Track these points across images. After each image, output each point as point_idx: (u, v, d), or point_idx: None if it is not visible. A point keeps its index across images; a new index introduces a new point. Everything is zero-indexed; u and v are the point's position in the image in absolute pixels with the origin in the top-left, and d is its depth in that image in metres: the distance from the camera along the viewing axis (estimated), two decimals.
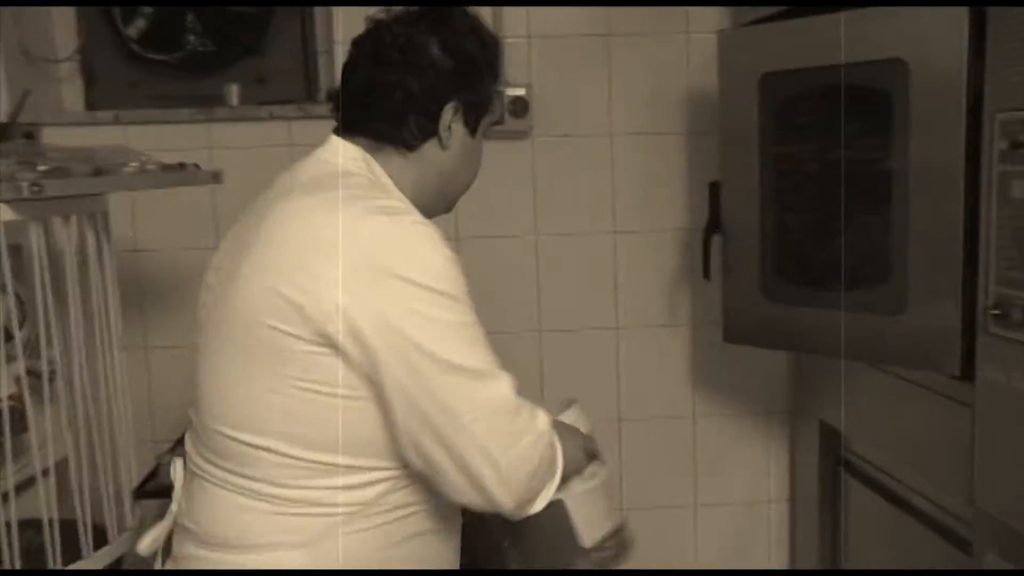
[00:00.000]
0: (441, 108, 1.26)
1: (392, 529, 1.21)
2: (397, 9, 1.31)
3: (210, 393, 1.21)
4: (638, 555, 2.56)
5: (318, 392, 1.12)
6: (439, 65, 1.25)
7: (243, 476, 1.17)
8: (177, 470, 1.33)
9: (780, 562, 2.65)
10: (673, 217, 2.49)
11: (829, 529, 2.34)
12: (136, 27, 2.47)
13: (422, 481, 1.19)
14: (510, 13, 2.42)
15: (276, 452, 1.14)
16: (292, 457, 1.14)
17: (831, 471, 2.31)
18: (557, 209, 2.48)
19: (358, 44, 1.31)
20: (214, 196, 2.31)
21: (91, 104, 2.52)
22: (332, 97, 1.34)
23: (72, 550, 1.65)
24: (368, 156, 1.26)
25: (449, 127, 1.27)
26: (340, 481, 1.16)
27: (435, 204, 1.34)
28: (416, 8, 1.30)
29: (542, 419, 1.20)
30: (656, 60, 2.47)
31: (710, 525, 2.64)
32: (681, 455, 2.62)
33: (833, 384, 2.22)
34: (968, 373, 1.62)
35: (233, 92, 2.46)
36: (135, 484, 1.87)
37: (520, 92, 2.39)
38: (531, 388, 2.38)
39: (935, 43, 1.66)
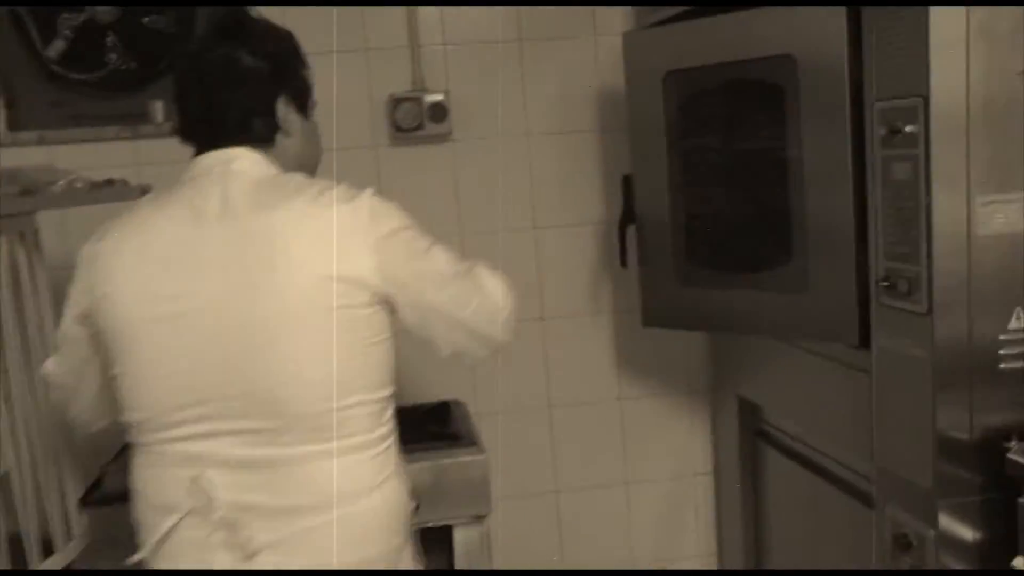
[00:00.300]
0: (274, 105, 1.41)
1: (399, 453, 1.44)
2: (199, 33, 1.40)
3: (284, 381, 1.30)
4: (575, 532, 2.63)
5: (378, 342, 1.35)
6: (258, 72, 1.39)
7: (334, 439, 1.31)
8: (212, 481, 1.32)
9: (708, 531, 2.70)
10: (590, 211, 2.53)
11: (751, 496, 2.40)
12: (55, 48, 2.40)
13: None
14: (425, 21, 2.44)
15: (362, 403, 1.34)
16: (373, 401, 1.35)
17: (750, 442, 2.36)
18: (479, 208, 2.50)
19: (182, 75, 1.45)
20: None
21: (13, 125, 2.43)
22: (183, 124, 1.44)
23: (19, 561, 1.64)
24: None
25: (286, 117, 1.43)
26: (389, 412, 1.40)
27: None
28: (212, 27, 1.49)
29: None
30: (566, 62, 2.51)
31: (641, 500, 2.68)
32: (609, 436, 2.65)
33: (748, 361, 2.30)
34: (865, 342, 1.70)
35: (158, 108, 2.41)
36: (80, 494, 1.85)
37: (438, 98, 2.40)
38: (463, 380, 2.43)
39: (819, 38, 1.73)
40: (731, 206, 2.02)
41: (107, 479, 1.92)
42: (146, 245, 1.35)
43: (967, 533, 1.53)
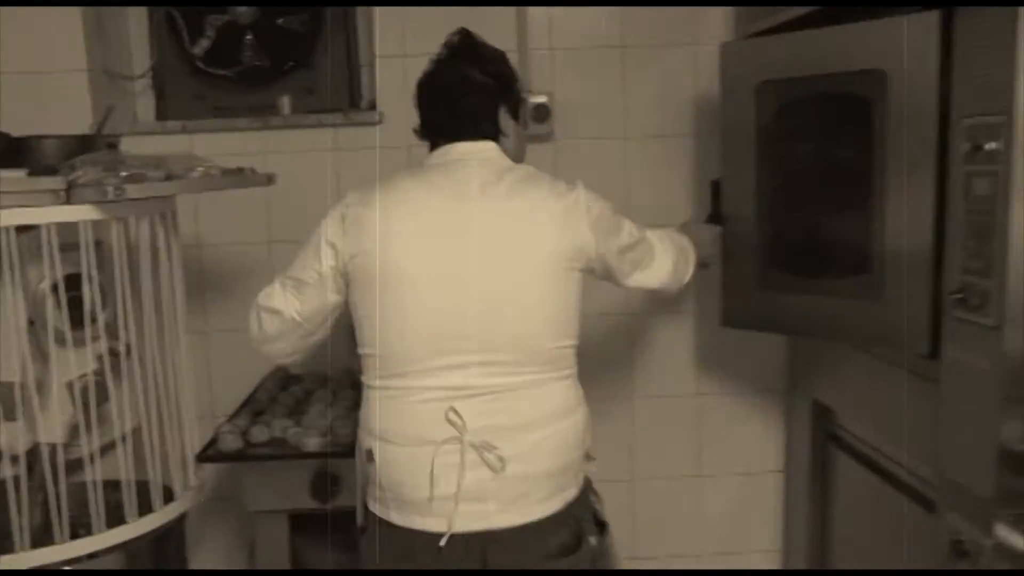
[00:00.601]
0: (497, 113, 1.71)
1: None
2: (439, 55, 1.73)
3: (527, 324, 1.61)
4: (647, 520, 2.67)
5: (580, 298, 1.68)
6: (486, 86, 1.70)
7: (556, 369, 1.64)
8: (461, 411, 1.58)
9: (775, 528, 2.70)
10: (680, 213, 2.53)
11: (819, 496, 2.40)
12: (201, 46, 2.57)
13: None
14: (534, 25, 2.50)
15: (573, 345, 1.67)
16: (576, 344, 1.68)
17: (821, 444, 2.36)
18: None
19: (425, 86, 1.75)
20: (267, 195, 2.38)
21: (161, 115, 2.62)
22: (425, 123, 1.76)
23: (144, 506, 1.77)
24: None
25: (506, 123, 1.73)
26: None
27: None
28: (450, 49, 1.73)
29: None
30: (666, 69, 2.54)
31: (712, 494, 2.71)
32: (686, 430, 2.68)
33: (824, 365, 2.30)
34: (936, 353, 1.70)
35: (285, 102, 2.55)
36: (197, 450, 1.97)
37: (543, 99, 2.48)
38: None
39: (910, 54, 1.73)
40: (815, 214, 2.03)
41: (220, 439, 2.05)
42: (413, 212, 1.61)
43: (1022, 544, 1.53)
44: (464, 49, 1.72)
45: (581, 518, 1.68)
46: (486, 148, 1.69)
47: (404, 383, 1.60)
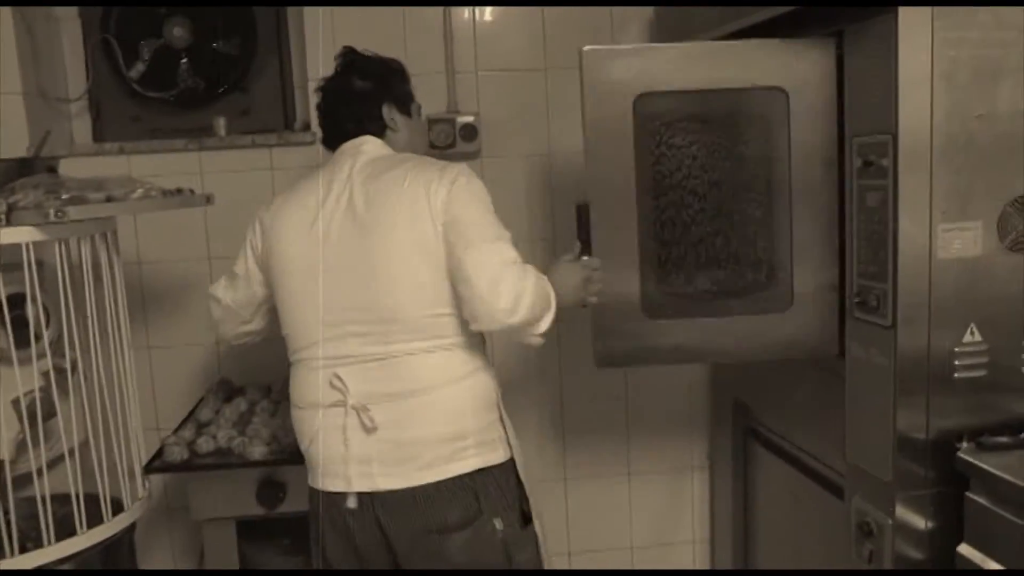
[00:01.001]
0: (380, 110, 1.83)
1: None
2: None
3: (392, 294, 1.65)
4: (580, 518, 2.73)
5: None
6: (364, 89, 1.84)
7: (430, 338, 1.66)
8: (343, 378, 1.69)
9: (703, 519, 2.77)
10: None
11: (742, 488, 2.47)
12: (137, 69, 2.55)
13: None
14: (460, 50, 2.55)
15: (451, 314, 1.66)
16: (453, 315, 1.66)
17: (742, 439, 2.43)
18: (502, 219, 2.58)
19: (320, 101, 1.89)
20: (205, 214, 2.41)
21: (99, 137, 2.59)
22: (324, 133, 1.90)
23: (94, 517, 1.76)
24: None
25: (391, 117, 1.85)
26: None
27: None
28: (336, 67, 1.87)
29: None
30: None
31: (643, 490, 2.76)
32: (615, 430, 2.72)
33: (742, 365, 2.35)
34: (843, 352, 1.78)
35: (220, 124, 2.55)
36: (144, 462, 1.97)
37: (469, 119, 2.52)
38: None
39: (810, 74, 1.78)
40: (714, 234, 1.90)
41: (167, 450, 2.06)
42: (295, 208, 1.76)
43: (920, 522, 1.63)
44: (346, 63, 1.87)
45: (486, 496, 1.69)
46: (364, 141, 1.81)
47: (302, 355, 1.75)
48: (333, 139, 1.86)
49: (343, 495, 1.70)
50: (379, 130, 1.84)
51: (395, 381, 1.67)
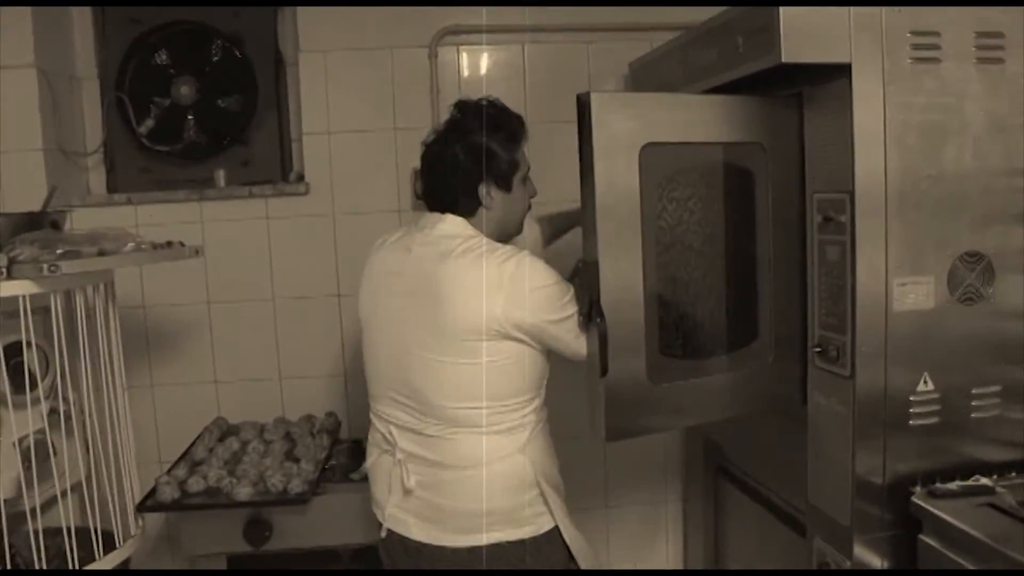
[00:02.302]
0: (477, 187, 1.66)
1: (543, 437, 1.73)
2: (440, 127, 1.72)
3: (423, 382, 1.62)
4: None
5: (502, 363, 1.61)
6: (464, 163, 1.66)
7: (462, 426, 1.61)
8: (394, 434, 1.70)
9: (677, 551, 2.72)
10: None
11: (712, 522, 2.41)
12: (146, 125, 2.55)
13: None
14: (445, 104, 2.36)
15: (482, 407, 1.60)
16: (498, 405, 1.61)
17: (713, 477, 2.38)
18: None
19: (424, 160, 1.73)
20: (205, 260, 2.32)
21: (111, 188, 2.59)
22: (423, 193, 1.77)
23: (90, 553, 1.73)
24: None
25: (488, 194, 1.68)
26: (521, 411, 1.66)
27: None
28: (447, 122, 1.71)
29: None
30: (571, 143, 2.52)
31: (621, 522, 2.71)
32: (594, 468, 2.68)
33: None
34: (806, 399, 1.72)
35: (220, 175, 2.53)
36: (140, 499, 1.94)
37: None
38: None
39: (780, 131, 1.71)
40: (709, 290, 1.74)
41: (160, 489, 2.01)
42: (375, 270, 1.75)
43: (877, 563, 1.58)
44: (452, 125, 1.69)
45: (515, 565, 1.65)
46: (442, 219, 1.68)
47: (372, 402, 1.76)
48: (428, 202, 1.74)
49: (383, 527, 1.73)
50: (470, 206, 1.68)
51: (431, 451, 1.65)
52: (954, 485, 1.53)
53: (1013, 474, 1.58)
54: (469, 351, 1.59)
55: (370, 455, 1.78)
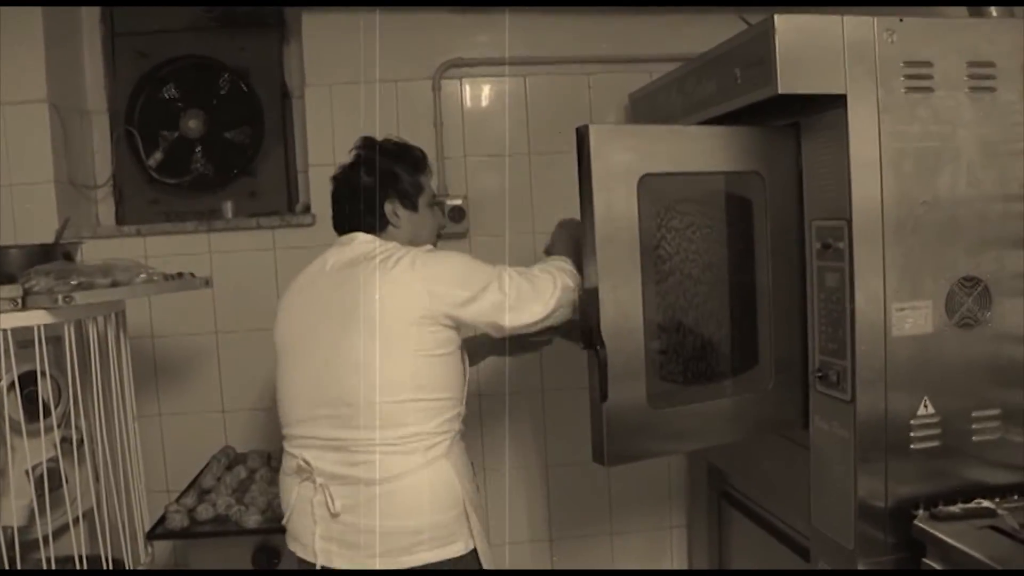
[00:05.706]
0: (382, 207, 1.75)
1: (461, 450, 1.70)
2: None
3: (351, 379, 1.59)
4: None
5: (434, 355, 1.62)
6: (368, 185, 1.74)
7: (390, 426, 1.58)
8: (309, 459, 1.65)
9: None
10: None
11: (716, 546, 2.41)
12: (155, 158, 2.58)
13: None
14: (449, 137, 2.55)
15: (414, 400, 1.59)
16: (427, 400, 1.61)
17: (716, 502, 2.37)
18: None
19: (332, 190, 1.82)
20: (213, 291, 2.31)
21: (120, 220, 2.61)
22: (333, 221, 1.82)
23: None
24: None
25: (393, 213, 1.76)
26: (449, 412, 1.65)
27: None
28: (351, 158, 1.80)
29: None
30: (568, 171, 2.59)
31: (625, 548, 2.69)
32: (598, 494, 2.67)
33: None
34: (808, 424, 1.73)
35: (228, 207, 2.56)
36: (149, 527, 1.94)
37: (458, 202, 2.52)
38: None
39: (777, 161, 1.73)
40: (710, 316, 1.78)
41: (169, 517, 2.01)
42: (292, 294, 1.77)
43: None
44: (356, 156, 1.79)
45: None
46: (353, 237, 1.75)
47: (286, 431, 1.73)
48: (337, 227, 1.81)
49: (304, 562, 1.68)
50: (379, 225, 1.76)
51: (354, 468, 1.60)
52: (956, 508, 1.54)
53: (1015, 496, 1.59)
54: (398, 336, 1.59)
55: (288, 490, 1.71)
